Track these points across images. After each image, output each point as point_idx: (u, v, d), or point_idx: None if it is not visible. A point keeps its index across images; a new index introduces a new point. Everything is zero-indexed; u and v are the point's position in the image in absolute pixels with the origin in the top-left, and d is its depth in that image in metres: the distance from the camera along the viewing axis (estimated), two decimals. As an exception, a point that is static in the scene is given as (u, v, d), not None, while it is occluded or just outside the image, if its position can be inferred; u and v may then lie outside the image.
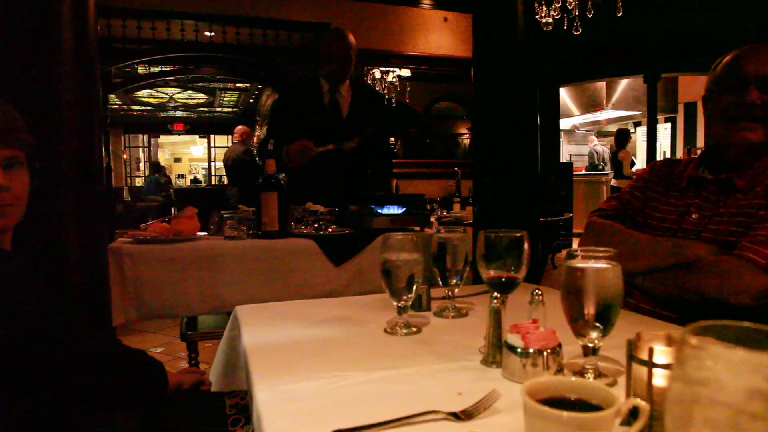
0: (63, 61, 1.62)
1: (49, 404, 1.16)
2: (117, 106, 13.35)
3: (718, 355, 0.39)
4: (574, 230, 7.56)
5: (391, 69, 7.33)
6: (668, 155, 10.21)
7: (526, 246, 1.05)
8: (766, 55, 1.40)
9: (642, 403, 0.58)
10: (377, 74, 7.39)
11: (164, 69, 8.32)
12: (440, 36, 6.95)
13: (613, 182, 8.69)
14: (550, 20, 4.38)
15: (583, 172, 10.47)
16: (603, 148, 11.71)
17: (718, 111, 1.46)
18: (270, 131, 3.13)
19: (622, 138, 8.93)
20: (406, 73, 7.41)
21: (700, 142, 9.46)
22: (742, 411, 0.37)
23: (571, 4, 4.30)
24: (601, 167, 11.02)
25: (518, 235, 1.05)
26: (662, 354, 0.67)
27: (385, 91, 7.52)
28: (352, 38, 2.95)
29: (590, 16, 4.28)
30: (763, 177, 1.38)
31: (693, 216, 1.45)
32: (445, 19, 6.93)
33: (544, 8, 4.37)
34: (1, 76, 1.53)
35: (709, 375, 0.39)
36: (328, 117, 2.92)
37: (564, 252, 7.04)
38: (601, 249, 0.89)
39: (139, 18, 5.89)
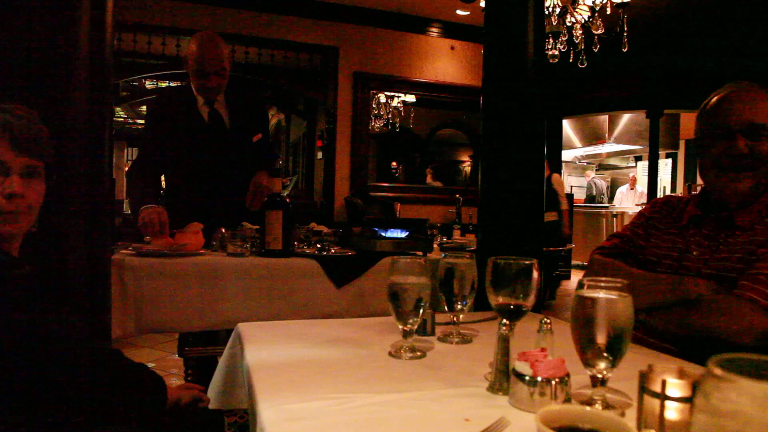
0: (79, 72, 1.63)
1: (46, 414, 1.15)
2: (122, 119, 13.40)
3: (743, 388, 0.39)
4: (573, 262, 7.55)
5: (396, 94, 7.39)
6: (668, 191, 10.26)
7: (535, 274, 1.05)
8: (749, 97, 1.41)
9: (657, 436, 0.57)
10: (382, 99, 7.45)
11: (172, 85, 8.37)
12: (446, 63, 7.01)
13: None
14: (557, 53, 4.43)
15: (582, 204, 10.52)
16: (601, 181, 11.81)
17: (707, 160, 1.48)
18: (146, 149, 2.78)
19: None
20: (411, 98, 7.47)
21: (700, 179, 9.48)
22: (769, 445, 0.37)
23: (577, 38, 4.36)
24: (599, 200, 11.08)
25: (528, 262, 1.05)
26: (675, 387, 0.67)
27: (390, 116, 7.58)
28: (224, 45, 2.61)
29: (596, 50, 4.33)
30: (763, 215, 1.39)
31: (694, 253, 1.46)
32: (452, 48, 7.00)
33: (551, 40, 4.42)
34: (18, 86, 1.54)
35: (735, 408, 0.39)
36: (210, 130, 2.67)
37: (564, 284, 7.05)
38: (611, 279, 0.89)
39: (149, 33, 5.95)
